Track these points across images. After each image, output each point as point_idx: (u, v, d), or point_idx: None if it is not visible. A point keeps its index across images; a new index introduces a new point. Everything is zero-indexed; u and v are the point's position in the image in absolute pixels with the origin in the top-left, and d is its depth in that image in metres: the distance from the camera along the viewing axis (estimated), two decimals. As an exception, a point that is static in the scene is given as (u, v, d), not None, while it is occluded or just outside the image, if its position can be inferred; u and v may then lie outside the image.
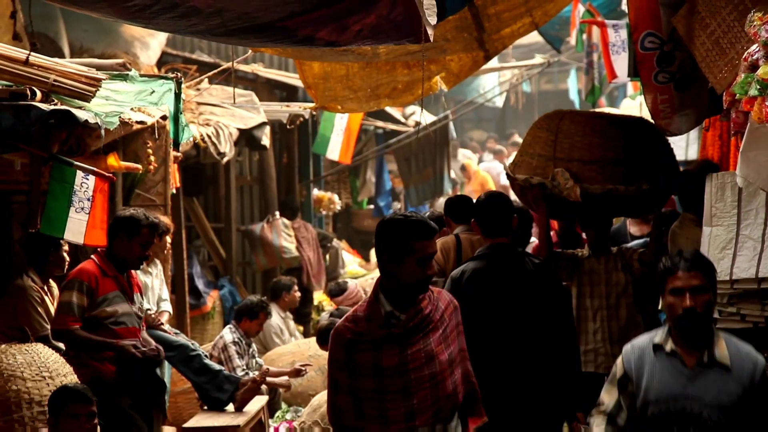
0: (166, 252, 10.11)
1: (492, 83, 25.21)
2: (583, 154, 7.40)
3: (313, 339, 10.72)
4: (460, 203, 9.08)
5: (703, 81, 7.28)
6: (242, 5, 5.83)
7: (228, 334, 10.34)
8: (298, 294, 13.09)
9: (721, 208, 6.67)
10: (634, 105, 16.58)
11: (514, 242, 7.05)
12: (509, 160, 8.34)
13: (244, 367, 10.08)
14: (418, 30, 5.85)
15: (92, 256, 7.59)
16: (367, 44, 7.02)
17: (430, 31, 5.79)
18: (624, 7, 12.98)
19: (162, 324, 9.28)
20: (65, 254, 8.25)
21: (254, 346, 10.68)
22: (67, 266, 8.33)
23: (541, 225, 7.88)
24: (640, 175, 7.35)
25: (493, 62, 17.97)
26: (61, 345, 7.77)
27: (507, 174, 8.01)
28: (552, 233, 8.96)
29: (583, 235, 8.81)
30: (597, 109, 8.34)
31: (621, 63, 13.15)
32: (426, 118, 19.06)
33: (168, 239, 9.92)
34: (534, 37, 16.22)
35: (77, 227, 7.60)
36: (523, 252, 7.07)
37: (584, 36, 15.71)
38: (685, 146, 12.86)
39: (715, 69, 6.63)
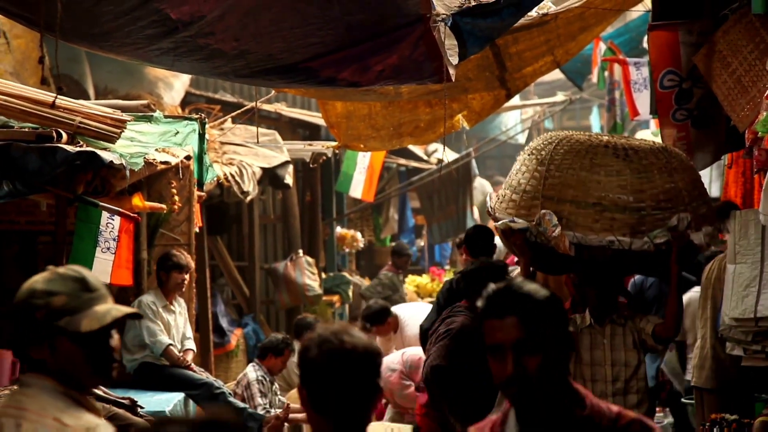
0: (190, 290, 10.16)
1: (514, 120, 25.24)
2: (577, 194, 5.94)
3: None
4: (481, 235, 8.44)
5: (720, 118, 7.30)
6: (266, 47, 5.89)
7: (252, 372, 10.35)
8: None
9: (745, 246, 6.66)
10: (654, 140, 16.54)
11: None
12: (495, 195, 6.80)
13: (266, 406, 10.07)
14: (440, 70, 5.89)
15: None
16: (389, 84, 7.07)
17: (452, 71, 5.82)
18: (645, 45, 12.99)
19: (190, 364, 9.32)
20: None
21: (276, 383, 10.68)
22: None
23: (523, 271, 6.39)
24: (655, 225, 5.93)
25: (515, 100, 18.02)
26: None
27: (488, 211, 6.64)
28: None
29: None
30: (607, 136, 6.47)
31: (643, 100, 13.16)
32: (448, 155, 19.11)
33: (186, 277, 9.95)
34: (556, 74, 16.26)
35: (103, 267, 7.64)
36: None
37: (606, 73, 15.75)
38: (708, 183, 12.83)
39: (737, 107, 6.65)
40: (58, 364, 3.19)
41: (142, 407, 8.05)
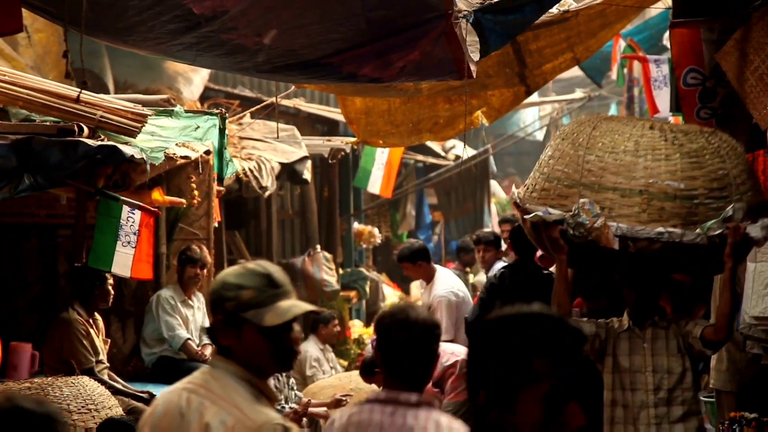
0: (209, 285, 10.18)
1: (532, 117, 25.21)
2: (621, 181, 5.33)
3: (355, 372, 10.73)
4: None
5: (743, 116, 7.27)
6: (288, 42, 5.90)
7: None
8: (337, 329, 13.07)
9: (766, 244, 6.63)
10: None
11: None
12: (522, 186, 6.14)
13: (281, 402, 10.09)
14: (461, 66, 5.89)
15: None
16: (410, 80, 7.07)
17: (473, 68, 5.83)
18: (665, 42, 12.96)
19: (208, 359, 9.33)
20: (110, 288, 8.32)
21: (292, 377, 10.69)
22: (111, 300, 8.39)
23: (559, 279, 5.67)
24: (708, 216, 5.34)
25: (534, 96, 17.98)
26: (107, 378, 7.85)
27: (515, 202, 5.93)
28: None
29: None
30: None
31: (663, 98, 13.10)
32: (467, 152, 19.09)
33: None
34: (575, 71, 16.20)
35: (124, 261, 7.68)
36: None
37: (625, 70, 15.71)
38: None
39: (759, 105, 6.61)
40: (243, 352, 3.48)
41: None
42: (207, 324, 9.92)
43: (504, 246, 11.41)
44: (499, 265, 10.86)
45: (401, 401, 4.04)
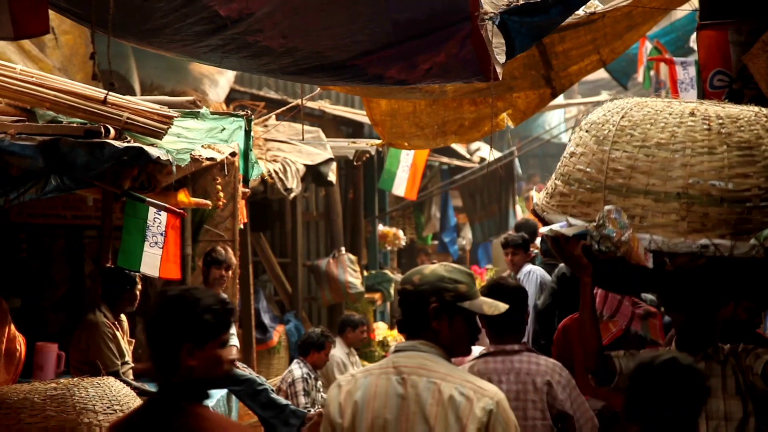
0: (233, 287, 10.20)
1: (558, 119, 25.15)
2: (655, 182, 4.33)
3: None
4: None
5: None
6: (314, 44, 5.90)
7: (297, 369, 10.37)
8: (364, 335, 13.07)
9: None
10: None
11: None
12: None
13: (308, 405, 10.09)
14: (487, 68, 5.87)
15: None
16: (436, 83, 7.06)
17: (499, 70, 5.81)
18: (692, 44, 12.91)
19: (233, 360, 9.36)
20: (138, 293, 8.31)
21: (320, 381, 10.71)
22: (137, 304, 8.40)
23: (583, 307, 4.69)
24: (765, 223, 4.29)
25: (559, 99, 17.94)
26: (131, 377, 7.87)
27: (533, 210, 5.14)
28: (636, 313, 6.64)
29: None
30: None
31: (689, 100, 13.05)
32: (492, 154, 19.06)
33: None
34: (600, 73, 16.19)
35: (152, 261, 7.72)
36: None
37: (651, 73, 15.66)
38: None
39: (786, 107, 6.57)
40: (451, 336, 4.07)
41: None
42: (232, 327, 9.91)
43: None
44: (527, 268, 10.86)
45: (507, 351, 5.30)
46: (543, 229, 4.71)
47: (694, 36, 10.40)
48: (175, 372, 3.80)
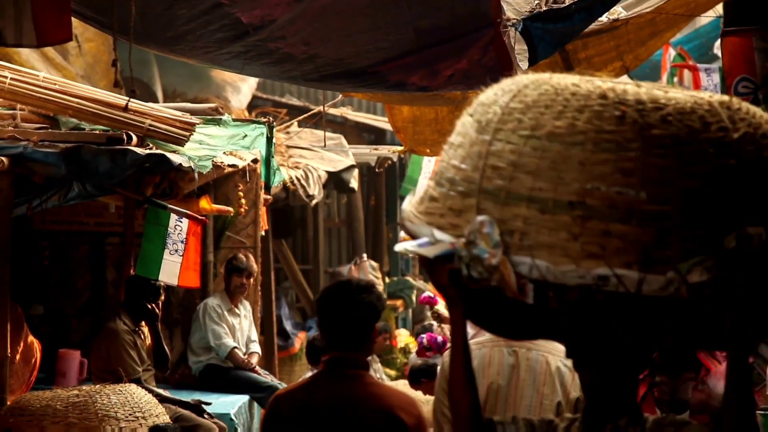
0: (255, 293, 10.20)
1: (580, 126, 25.08)
2: (542, 186, 2.84)
3: (401, 381, 10.70)
4: None
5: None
6: (336, 51, 5.89)
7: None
8: (387, 342, 13.03)
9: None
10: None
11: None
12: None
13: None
14: (509, 75, 5.84)
15: None
16: (458, 89, 7.04)
17: (521, 77, 5.78)
18: (716, 50, 12.85)
19: (254, 366, 9.37)
20: (160, 304, 8.21)
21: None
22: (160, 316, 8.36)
23: (453, 347, 3.17)
24: (687, 249, 2.73)
25: (582, 105, 17.89)
26: (153, 384, 7.88)
27: (401, 222, 4.43)
28: None
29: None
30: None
31: (713, 107, 12.99)
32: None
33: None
34: (623, 80, 16.15)
35: (171, 269, 7.71)
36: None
37: (675, 79, 15.57)
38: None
39: (812, 114, 6.53)
40: None
41: (208, 405, 8.11)
42: (254, 332, 9.94)
43: None
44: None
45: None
46: (398, 246, 3.16)
47: (718, 43, 10.34)
48: (366, 348, 4.37)
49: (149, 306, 8.10)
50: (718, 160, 2.79)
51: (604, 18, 8.52)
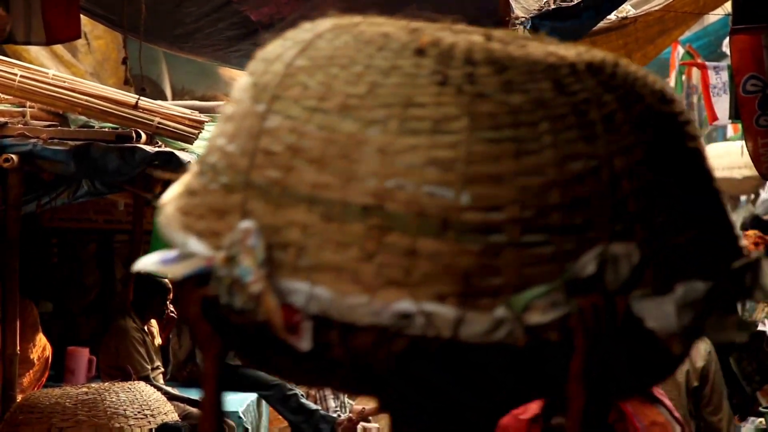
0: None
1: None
2: (327, 181, 1.86)
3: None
4: None
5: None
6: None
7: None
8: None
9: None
10: (725, 147, 16.18)
11: None
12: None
13: (337, 409, 10.08)
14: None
15: None
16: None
17: (530, 75, 5.79)
18: (724, 48, 12.85)
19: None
20: (168, 302, 8.21)
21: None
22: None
23: (203, 401, 2.13)
24: (525, 276, 1.79)
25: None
26: (162, 384, 7.89)
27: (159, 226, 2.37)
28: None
29: None
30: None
31: (721, 105, 12.98)
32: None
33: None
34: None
35: (180, 266, 7.70)
36: None
37: (684, 77, 15.57)
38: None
39: (820, 113, 6.53)
40: None
41: None
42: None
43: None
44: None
45: None
46: (137, 264, 2.18)
47: (726, 40, 10.34)
48: None
49: (157, 304, 8.11)
50: (576, 144, 1.90)
51: (612, 16, 8.52)
